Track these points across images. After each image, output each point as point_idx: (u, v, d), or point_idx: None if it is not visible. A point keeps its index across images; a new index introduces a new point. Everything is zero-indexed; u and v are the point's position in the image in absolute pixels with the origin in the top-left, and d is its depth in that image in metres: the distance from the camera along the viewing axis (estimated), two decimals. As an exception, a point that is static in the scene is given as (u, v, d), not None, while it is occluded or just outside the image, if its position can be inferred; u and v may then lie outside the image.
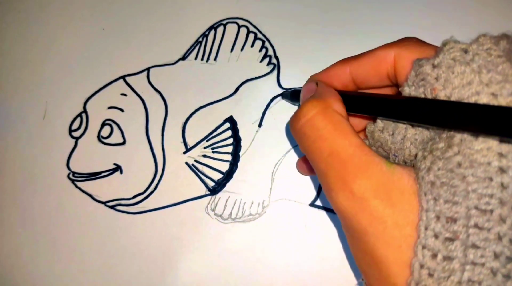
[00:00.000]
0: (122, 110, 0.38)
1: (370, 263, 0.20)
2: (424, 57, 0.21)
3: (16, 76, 0.40)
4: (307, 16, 0.39)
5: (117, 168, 0.36)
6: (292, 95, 0.33)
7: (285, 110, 0.37)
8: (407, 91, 0.22)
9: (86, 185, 0.36)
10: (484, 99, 0.18)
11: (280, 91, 0.37)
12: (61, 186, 0.36)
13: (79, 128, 0.38)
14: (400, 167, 0.20)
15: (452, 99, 0.19)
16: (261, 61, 0.38)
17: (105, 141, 0.37)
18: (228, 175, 0.35)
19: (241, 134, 0.36)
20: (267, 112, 0.37)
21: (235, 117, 0.37)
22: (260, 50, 0.38)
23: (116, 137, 0.37)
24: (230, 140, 0.36)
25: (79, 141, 0.37)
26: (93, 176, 0.36)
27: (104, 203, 0.36)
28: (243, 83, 0.38)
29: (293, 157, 0.35)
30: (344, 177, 0.20)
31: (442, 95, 0.20)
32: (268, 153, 0.36)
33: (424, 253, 0.17)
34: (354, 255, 0.22)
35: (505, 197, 0.17)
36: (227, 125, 0.36)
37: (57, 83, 0.39)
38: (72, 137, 0.38)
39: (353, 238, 0.21)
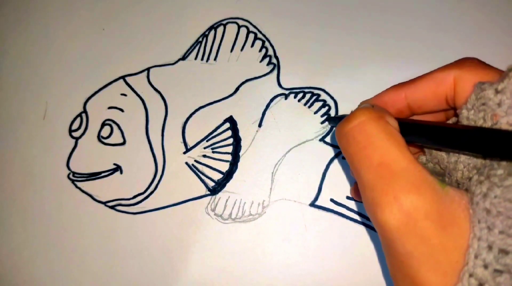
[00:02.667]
0: (122, 110, 0.38)
1: None
2: (486, 80, 0.20)
3: (16, 76, 0.40)
4: (307, 16, 0.39)
5: (117, 168, 0.36)
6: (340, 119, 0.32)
7: (285, 110, 0.37)
8: (465, 114, 0.21)
9: (86, 185, 0.36)
10: None
11: (280, 91, 0.37)
12: (61, 186, 0.36)
13: (79, 128, 0.38)
14: (453, 189, 0.19)
15: None
16: (261, 61, 0.38)
17: (105, 141, 0.37)
18: (228, 175, 0.35)
19: (241, 134, 0.36)
20: (267, 112, 0.37)
21: (235, 117, 0.37)
22: (260, 50, 0.38)
23: (116, 137, 0.37)
24: (230, 140, 0.36)
25: (79, 141, 0.37)
26: (93, 176, 0.36)
27: (104, 203, 0.36)
28: (243, 83, 0.38)
29: (293, 157, 0.35)
30: (394, 191, 0.18)
31: (504, 122, 0.19)
32: (268, 153, 0.36)
33: (471, 282, 0.17)
34: (393, 275, 0.20)
35: None
36: (227, 125, 0.36)
37: (57, 83, 0.39)
38: (72, 137, 0.38)
39: (395, 259, 0.19)
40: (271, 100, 0.37)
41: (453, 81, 0.22)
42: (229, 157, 0.36)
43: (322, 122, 0.36)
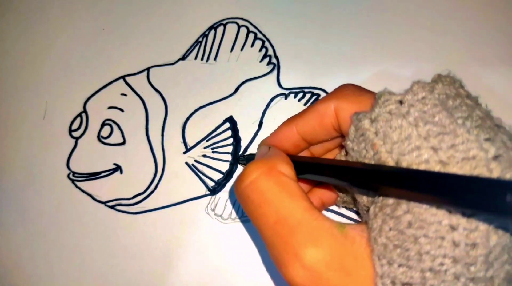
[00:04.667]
0: (122, 110, 0.38)
1: None
2: (362, 109, 0.21)
3: (16, 76, 0.40)
4: (307, 16, 0.39)
5: (117, 168, 0.36)
6: (250, 160, 0.33)
7: (285, 110, 0.36)
8: (350, 145, 0.21)
9: (86, 185, 0.36)
10: (425, 155, 0.17)
11: (280, 91, 0.37)
12: (61, 186, 0.36)
13: (79, 128, 0.38)
14: (352, 229, 0.19)
15: (394, 155, 0.18)
16: (261, 61, 0.38)
17: (105, 141, 0.37)
18: (228, 175, 0.35)
19: (241, 134, 0.36)
20: (267, 112, 0.37)
21: (235, 117, 0.37)
22: (260, 50, 0.38)
23: (116, 137, 0.37)
24: (230, 140, 0.36)
25: (79, 141, 0.37)
26: (93, 176, 0.36)
27: (104, 203, 0.36)
28: (243, 83, 0.38)
29: (293, 157, 0.35)
30: (293, 248, 0.18)
31: (383, 151, 0.19)
32: (268, 153, 0.36)
33: None
34: None
35: (457, 255, 0.16)
36: (227, 125, 0.36)
37: (57, 83, 0.39)
38: (72, 137, 0.38)
39: None
40: (271, 100, 0.37)
41: (334, 112, 0.22)
42: (229, 157, 0.36)
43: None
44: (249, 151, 0.36)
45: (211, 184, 0.35)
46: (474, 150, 0.16)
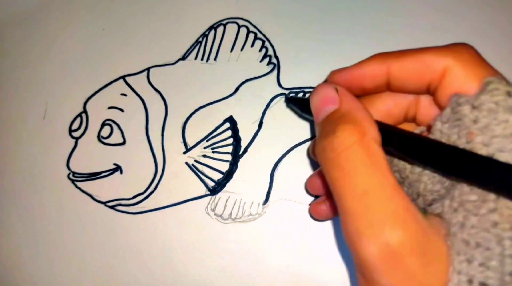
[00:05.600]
0: (122, 110, 0.38)
1: None
2: (474, 85, 0.19)
3: (16, 76, 0.40)
4: (307, 16, 0.39)
5: (117, 168, 0.36)
6: (299, 103, 0.29)
7: (285, 110, 0.36)
8: (439, 126, 0.20)
9: (86, 185, 0.36)
10: None
11: (280, 91, 0.37)
12: (61, 186, 0.36)
13: (79, 128, 0.38)
14: (433, 218, 0.18)
15: (490, 148, 0.17)
16: (261, 61, 0.38)
17: (105, 141, 0.37)
18: (228, 175, 0.35)
19: (241, 134, 0.36)
20: (267, 112, 0.37)
21: (235, 117, 0.37)
22: (260, 50, 0.38)
23: (116, 137, 0.37)
24: (230, 140, 0.36)
25: (79, 141, 0.37)
26: (93, 176, 0.36)
27: (104, 203, 0.36)
28: (243, 83, 0.38)
29: (293, 157, 0.35)
30: (380, 224, 0.18)
31: (478, 141, 0.18)
32: (268, 153, 0.36)
33: None
34: None
35: None
36: (227, 125, 0.36)
37: (57, 83, 0.39)
38: (72, 137, 0.38)
39: None
40: (271, 100, 0.37)
41: (442, 71, 0.20)
42: (229, 157, 0.36)
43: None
44: (250, 152, 0.36)
45: (211, 184, 0.35)
46: None
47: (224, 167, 0.35)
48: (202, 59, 0.39)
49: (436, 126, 0.20)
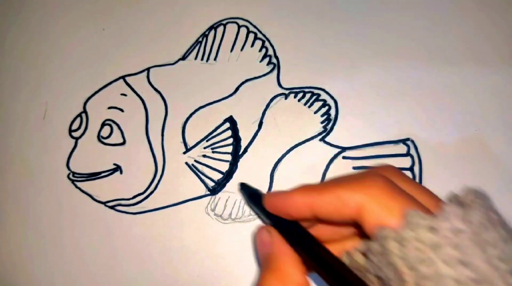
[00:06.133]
0: (122, 110, 0.38)
1: None
2: (389, 217, 0.19)
3: (16, 76, 0.40)
4: (307, 16, 0.39)
5: (117, 168, 0.36)
6: (251, 197, 0.30)
7: (285, 110, 0.37)
8: (372, 258, 0.20)
9: (86, 185, 0.36)
10: None
11: (280, 90, 0.37)
12: (61, 186, 0.36)
13: (79, 128, 0.38)
14: None
15: None
16: (261, 61, 0.38)
17: (105, 141, 0.37)
18: (228, 175, 0.35)
19: (241, 134, 0.36)
20: (267, 112, 0.37)
21: (235, 117, 0.37)
22: (260, 50, 0.38)
23: (116, 137, 0.37)
24: (230, 140, 0.36)
25: (79, 141, 0.37)
26: (93, 176, 0.36)
27: (104, 203, 0.36)
28: (243, 83, 0.38)
29: (293, 157, 0.35)
30: None
31: (411, 282, 0.18)
32: (268, 153, 0.36)
33: None
34: None
35: None
36: (227, 125, 0.36)
37: (57, 83, 0.39)
38: (72, 137, 0.38)
39: None
40: (271, 100, 0.37)
41: (357, 206, 0.20)
42: (229, 157, 0.36)
43: (323, 125, 0.36)
44: (250, 152, 0.36)
45: (211, 184, 0.35)
46: None
47: (224, 167, 0.35)
48: (202, 59, 0.39)
49: (369, 256, 0.20)
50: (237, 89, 0.37)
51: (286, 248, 0.23)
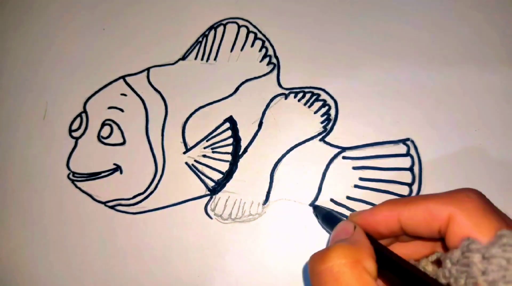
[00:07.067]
0: (122, 110, 0.38)
1: None
2: (478, 233, 0.19)
3: (16, 76, 0.40)
4: (307, 16, 0.39)
5: (117, 168, 0.36)
6: (325, 218, 0.31)
7: (285, 110, 0.37)
8: (448, 265, 0.20)
9: (86, 185, 0.36)
10: None
11: (280, 90, 0.37)
12: (61, 186, 0.36)
13: (79, 128, 0.38)
14: None
15: None
16: (261, 61, 0.38)
17: (105, 141, 0.37)
18: (228, 175, 0.35)
19: (241, 134, 0.36)
20: (267, 112, 0.37)
21: (235, 117, 0.37)
22: (260, 50, 0.38)
23: (116, 137, 0.37)
24: (230, 140, 0.36)
25: (79, 141, 0.37)
26: (93, 176, 0.36)
27: (104, 203, 0.36)
28: (243, 83, 0.38)
29: (293, 157, 0.35)
30: None
31: None
32: (268, 153, 0.36)
33: None
34: None
35: None
36: (227, 125, 0.36)
37: (57, 83, 0.39)
38: (72, 137, 0.38)
39: None
40: (271, 100, 0.37)
41: (447, 218, 0.21)
42: (229, 157, 0.36)
43: (323, 125, 0.36)
44: (250, 152, 0.36)
45: (211, 184, 0.35)
46: None
47: (224, 167, 0.35)
48: (202, 59, 0.39)
49: (446, 264, 0.20)
50: (237, 89, 0.37)
51: (367, 241, 0.23)
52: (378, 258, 0.21)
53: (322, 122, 0.36)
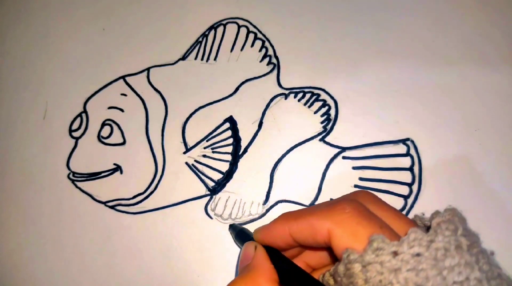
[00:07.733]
0: (122, 110, 0.38)
1: None
2: (356, 242, 0.20)
3: (16, 76, 0.40)
4: (307, 16, 0.39)
5: (117, 168, 0.36)
6: (238, 236, 0.32)
7: (285, 110, 0.37)
8: (338, 279, 0.21)
9: (86, 185, 0.36)
10: None
11: (280, 90, 0.37)
12: (61, 186, 0.36)
13: (79, 128, 0.38)
14: None
15: None
16: (261, 61, 0.38)
17: (105, 141, 0.37)
18: (228, 175, 0.35)
19: (241, 134, 0.36)
20: (267, 112, 0.37)
21: (235, 117, 0.37)
22: (260, 50, 0.38)
23: (116, 137, 0.37)
24: (230, 140, 0.36)
25: (79, 141, 0.37)
26: (93, 176, 0.36)
27: (104, 203, 0.36)
28: (243, 83, 0.38)
29: (293, 157, 0.35)
30: None
31: None
32: (268, 153, 0.36)
33: None
34: None
35: None
36: (227, 125, 0.36)
37: (57, 83, 0.39)
38: (72, 137, 0.38)
39: None
40: (271, 100, 0.37)
41: (327, 233, 0.22)
42: (229, 157, 0.36)
43: (323, 125, 0.36)
44: (250, 152, 0.36)
45: (211, 184, 0.35)
46: None
47: (224, 167, 0.35)
48: (202, 59, 0.39)
49: (336, 278, 0.21)
50: (237, 89, 0.37)
51: (266, 262, 0.24)
52: (282, 276, 0.23)
53: (322, 122, 0.36)
